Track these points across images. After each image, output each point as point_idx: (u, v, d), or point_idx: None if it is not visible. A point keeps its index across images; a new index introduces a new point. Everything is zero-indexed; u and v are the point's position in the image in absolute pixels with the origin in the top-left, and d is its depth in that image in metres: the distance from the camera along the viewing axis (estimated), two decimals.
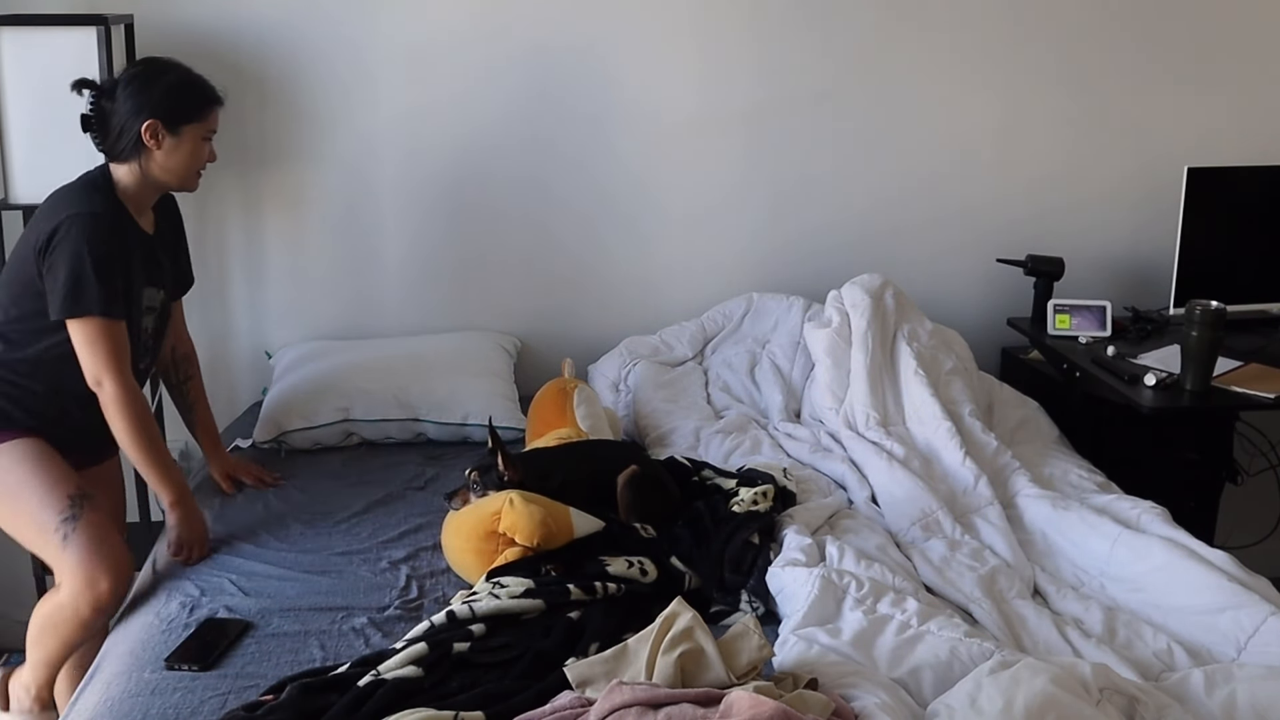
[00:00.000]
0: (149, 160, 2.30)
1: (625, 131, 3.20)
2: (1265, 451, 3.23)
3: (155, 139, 2.27)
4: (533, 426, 2.68)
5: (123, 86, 2.28)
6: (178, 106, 2.29)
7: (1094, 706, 1.59)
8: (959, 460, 2.53)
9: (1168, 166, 3.24)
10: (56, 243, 2.18)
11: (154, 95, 2.27)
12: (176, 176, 2.34)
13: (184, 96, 2.31)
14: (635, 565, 2.08)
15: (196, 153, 2.34)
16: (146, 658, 1.94)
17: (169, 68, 2.33)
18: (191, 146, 2.32)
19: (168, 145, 2.29)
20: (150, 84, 2.28)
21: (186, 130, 2.30)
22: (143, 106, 2.26)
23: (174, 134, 2.29)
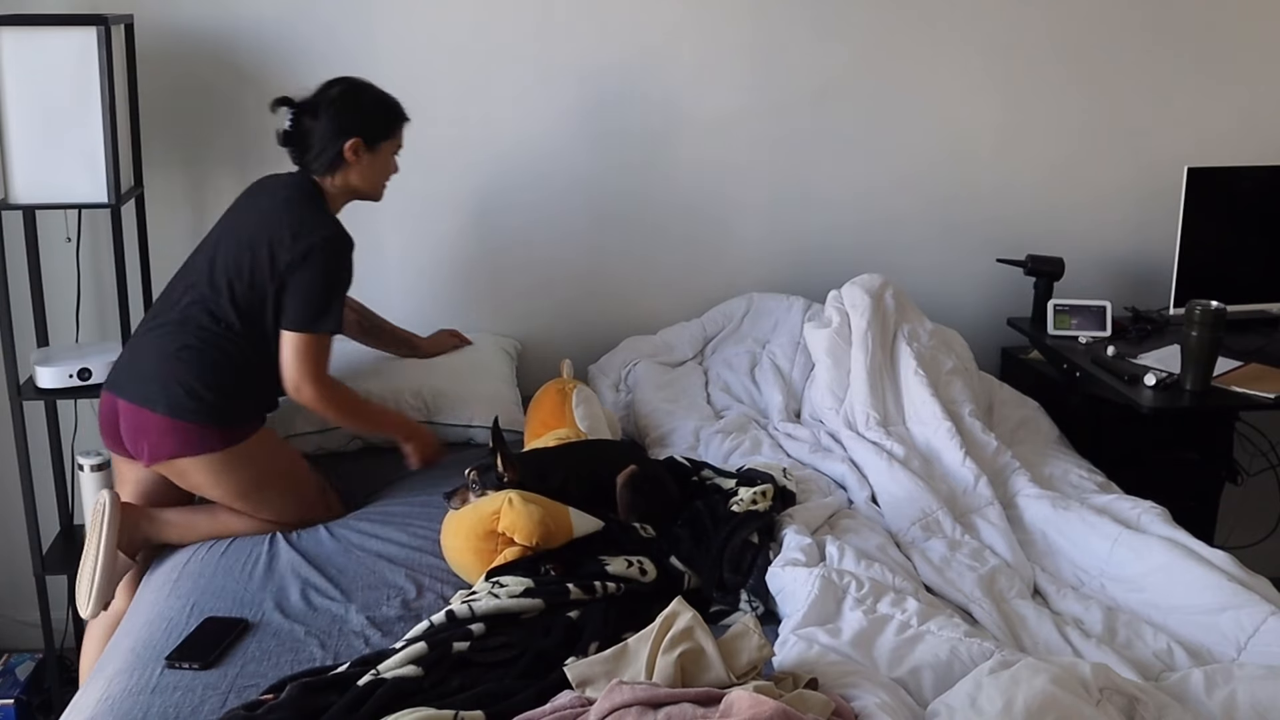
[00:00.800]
0: (346, 174, 2.48)
1: (625, 131, 3.19)
2: (1265, 451, 3.23)
3: (356, 155, 2.45)
4: (531, 427, 2.67)
5: (325, 107, 2.45)
6: (377, 125, 2.49)
7: (1094, 706, 1.59)
8: (959, 460, 2.53)
9: (1168, 166, 3.24)
10: (311, 261, 2.34)
11: (356, 115, 2.46)
12: (371, 188, 2.54)
13: (382, 116, 2.51)
14: (635, 565, 2.08)
15: (388, 167, 2.55)
16: (147, 656, 1.94)
17: (365, 88, 2.51)
18: (386, 161, 2.53)
19: (365, 160, 2.48)
20: (352, 104, 2.47)
21: (383, 146, 2.51)
22: (346, 125, 2.44)
23: (372, 150, 2.48)
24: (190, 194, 3.13)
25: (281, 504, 2.42)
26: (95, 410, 3.13)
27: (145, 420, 2.34)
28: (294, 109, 2.48)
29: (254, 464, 2.40)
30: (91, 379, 2.79)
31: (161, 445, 2.34)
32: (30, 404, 2.85)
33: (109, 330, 3.15)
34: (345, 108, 2.46)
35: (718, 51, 3.18)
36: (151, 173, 3.05)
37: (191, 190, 3.13)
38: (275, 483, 2.43)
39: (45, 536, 2.99)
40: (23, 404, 2.80)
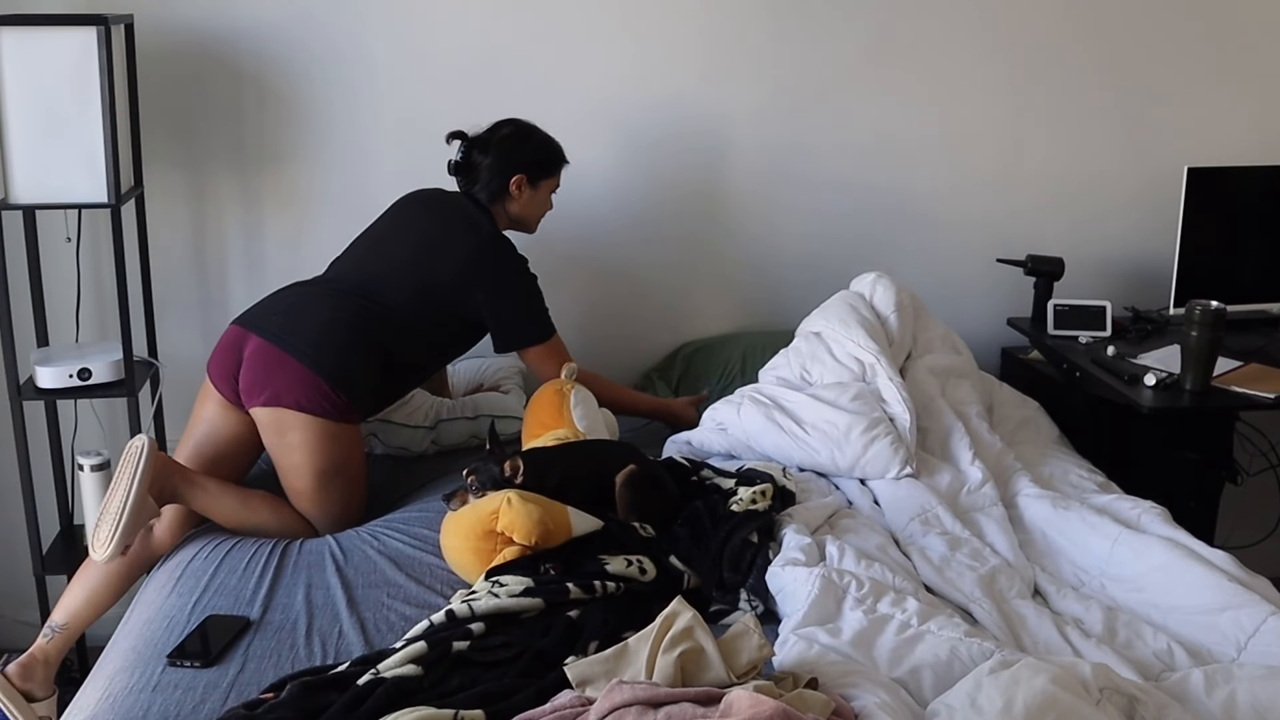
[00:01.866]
0: (508, 205, 2.70)
1: (624, 133, 3.20)
2: (1265, 451, 3.23)
3: (519, 190, 2.68)
4: (528, 428, 2.67)
5: (495, 144, 2.68)
6: (541, 165, 2.71)
7: (1094, 706, 1.59)
8: (968, 460, 2.54)
9: (1168, 166, 3.25)
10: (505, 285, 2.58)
11: (523, 154, 2.69)
12: (529, 222, 2.77)
13: (546, 157, 2.72)
14: (634, 564, 2.08)
15: (545, 204, 2.76)
16: (148, 654, 1.94)
17: (533, 130, 2.73)
18: (543, 199, 2.75)
19: (527, 195, 2.70)
20: (520, 144, 2.70)
21: (543, 184, 2.73)
22: (513, 162, 2.67)
23: (534, 187, 2.70)
24: (190, 194, 3.14)
25: (338, 498, 2.47)
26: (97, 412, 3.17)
27: (288, 366, 2.41)
28: (466, 142, 2.69)
29: (345, 448, 2.47)
30: (91, 379, 2.79)
31: (290, 391, 2.40)
32: (30, 404, 2.85)
33: (109, 330, 3.15)
34: (514, 146, 2.68)
35: (720, 54, 3.18)
36: (151, 173, 3.05)
37: (191, 190, 3.14)
38: (348, 475, 2.49)
39: (45, 536, 3.00)
40: (23, 404, 2.80)
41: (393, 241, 2.65)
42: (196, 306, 3.18)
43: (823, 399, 2.60)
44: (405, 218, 2.70)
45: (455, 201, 2.70)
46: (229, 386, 2.47)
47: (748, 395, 2.70)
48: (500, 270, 2.59)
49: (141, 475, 2.29)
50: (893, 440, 2.49)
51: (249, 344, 2.45)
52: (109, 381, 2.81)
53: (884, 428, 2.51)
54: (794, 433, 2.56)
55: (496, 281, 2.58)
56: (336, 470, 2.45)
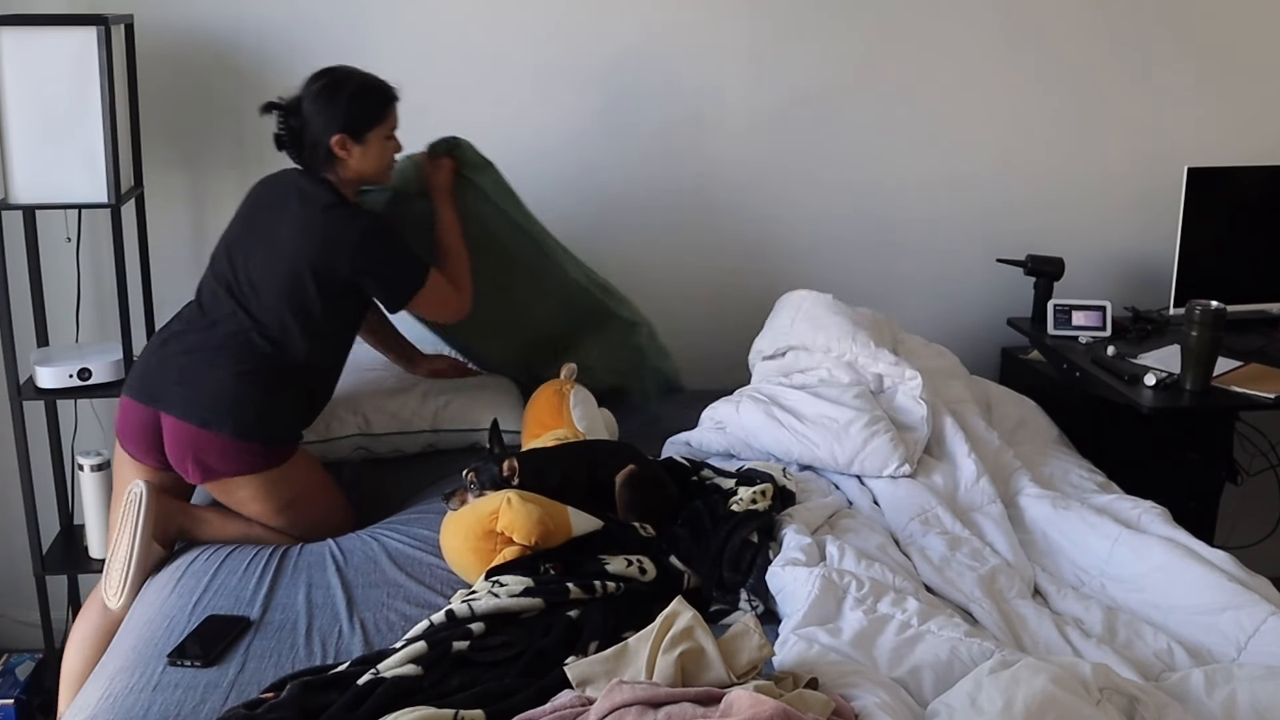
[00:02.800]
0: (344, 166, 2.46)
1: (625, 133, 3.20)
2: (1265, 451, 3.23)
3: (345, 149, 2.43)
4: (528, 428, 2.67)
5: (307, 104, 2.43)
6: (360, 116, 2.44)
7: (1094, 706, 1.59)
8: (964, 453, 2.54)
9: (1168, 166, 3.25)
10: (369, 254, 2.40)
11: (338, 110, 2.42)
12: (371, 176, 2.52)
13: (364, 105, 2.45)
14: (634, 564, 2.08)
15: (383, 153, 2.50)
16: (149, 654, 1.94)
17: (345, 78, 2.46)
18: (378, 148, 2.48)
19: (356, 153, 2.45)
20: (333, 99, 2.43)
21: (371, 136, 2.46)
22: (330, 123, 2.42)
23: (360, 142, 2.44)
24: (190, 194, 3.14)
25: (314, 519, 2.46)
26: (97, 412, 3.17)
27: (206, 441, 2.34)
28: (279, 111, 2.47)
29: (296, 480, 2.45)
30: (91, 379, 2.80)
31: (223, 465, 2.36)
32: (30, 404, 2.85)
33: (109, 330, 3.15)
34: (325, 105, 2.43)
35: (721, 54, 3.18)
36: (151, 173, 3.05)
37: (191, 190, 3.14)
38: (312, 498, 2.48)
39: (45, 536, 3.00)
40: (23, 404, 2.80)
41: (246, 250, 2.47)
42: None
43: (824, 396, 2.60)
44: (251, 219, 2.52)
45: (289, 181, 2.50)
46: (155, 458, 2.42)
47: (746, 394, 2.70)
48: (347, 236, 2.39)
49: (144, 524, 2.31)
50: (892, 437, 2.49)
51: (164, 423, 2.37)
52: (109, 381, 2.81)
53: (884, 424, 2.52)
54: (793, 427, 2.56)
55: (351, 248, 2.39)
56: (296, 498, 2.44)
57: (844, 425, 2.51)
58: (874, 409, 2.55)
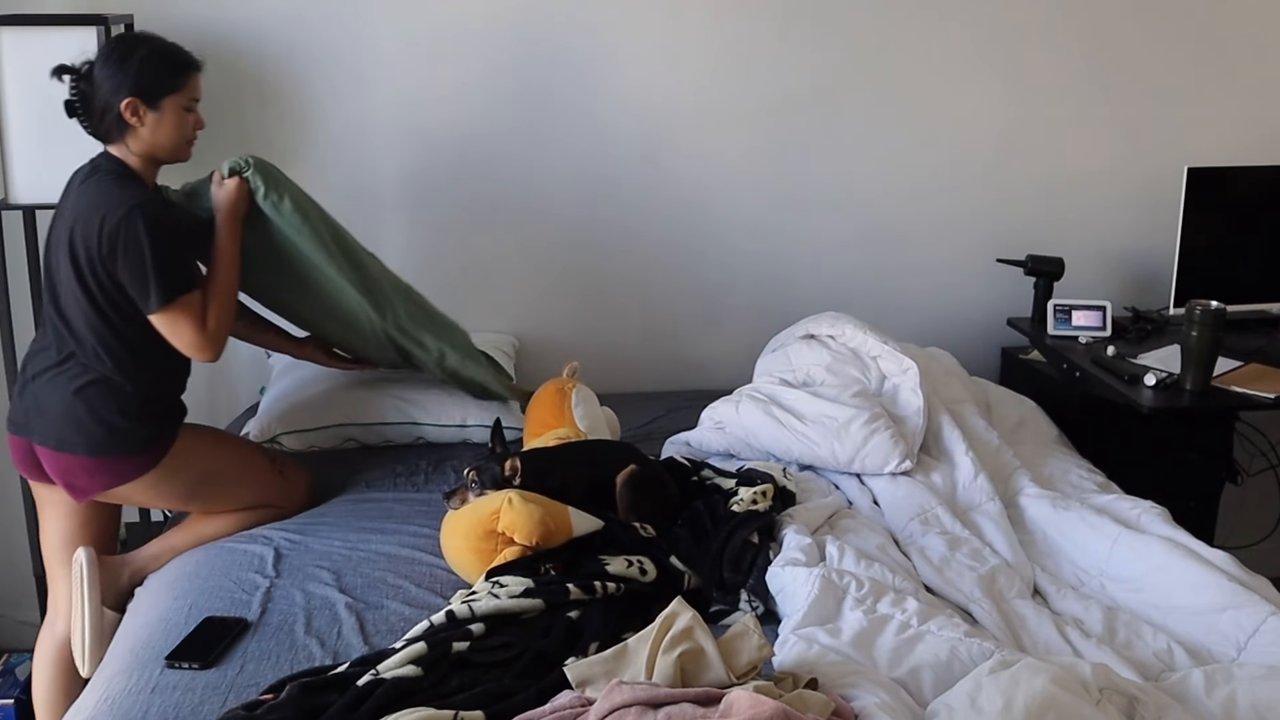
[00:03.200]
0: (136, 137, 2.27)
1: (626, 131, 3.19)
2: (1265, 451, 3.23)
3: (137, 116, 2.25)
4: (530, 427, 2.67)
5: (99, 67, 2.26)
6: (154, 80, 2.25)
7: (1094, 706, 1.59)
8: (961, 451, 2.54)
9: (1168, 166, 3.24)
10: (127, 241, 2.17)
11: (129, 72, 2.24)
12: (166, 150, 2.32)
13: (158, 69, 2.27)
14: (635, 564, 2.08)
15: (181, 124, 2.31)
16: (147, 656, 1.94)
17: (141, 41, 2.29)
18: (175, 118, 2.29)
19: (150, 121, 2.27)
20: (124, 61, 2.24)
21: (166, 103, 2.27)
22: (120, 85, 2.23)
23: (154, 108, 2.26)
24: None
25: (233, 493, 2.41)
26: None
27: (70, 463, 2.29)
28: (73, 75, 2.29)
29: (188, 467, 2.36)
30: None
31: (94, 483, 2.30)
32: None
33: None
34: (117, 67, 2.24)
35: (722, 52, 3.18)
36: None
37: None
38: (217, 476, 2.41)
39: None
40: None
41: (52, 251, 2.31)
42: None
43: (823, 395, 2.61)
44: (55, 216, 2.34)
45: (88, 163, 2.33)
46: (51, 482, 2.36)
47: (745, 393, 2.70)
48: (112, 209, 2.18)
49: (89, 592, 2.30)
50: (892, 434, 2.49)
51: (36, 451, 2.31)
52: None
53: (884, 422, 2.52)
54: (793, 427, 2.56)
55: (112, 223, 2.17)
56: (201, 484, 2.38)
57: (844, 423, 2.51)
58: (873, 407, 2.56)
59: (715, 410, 2.73)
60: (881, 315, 3.18)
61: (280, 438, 2.77)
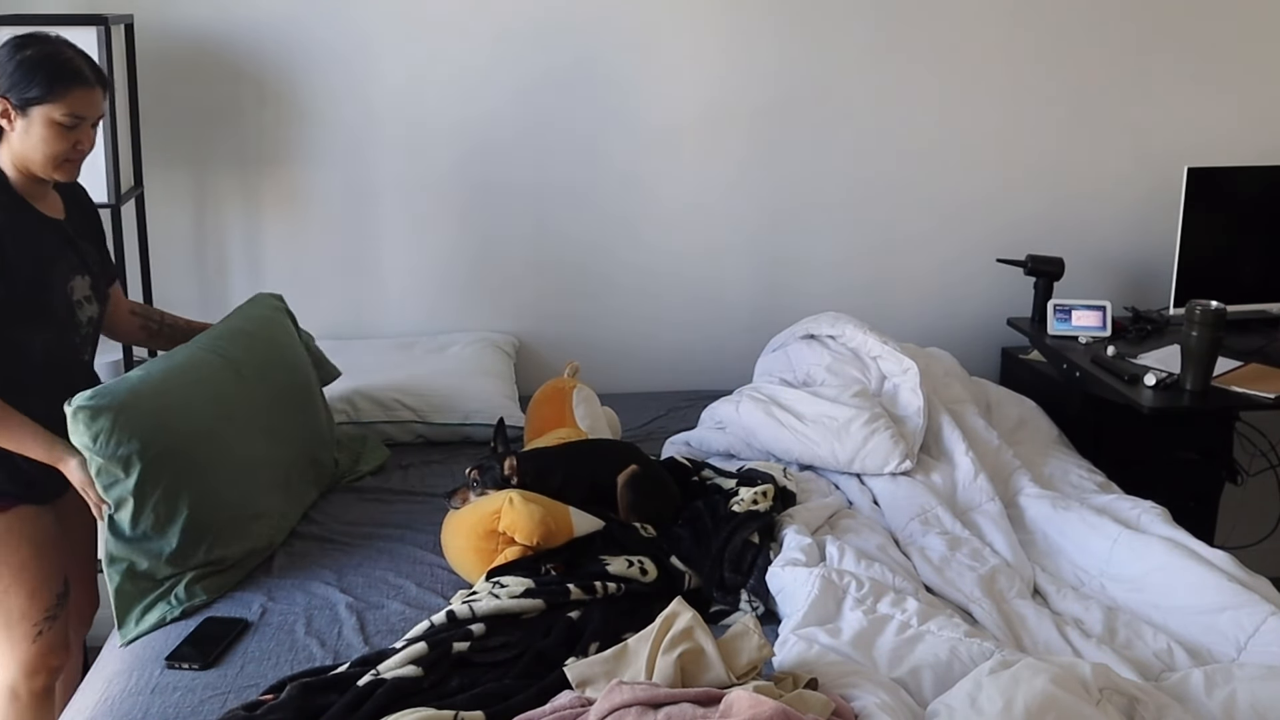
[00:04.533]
0: (5, 141, 2.11)
1: (626, 132, 3.20)
2: (1265, 451, 3.23)
3: (7, 118, 2.09)
4: (531, 426, 2.68)
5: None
6: (26, 83, 2.06)
7: (1094, 706, 1.59)
8: (961, 451, 2.54)
9: (1168, 166, 3.24)
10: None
11: (7, 70, 2.07)
12: (33, 162, 2.11)
13: (35, 73, 2.07)
14: (635, 565, 2.08)
15: (51, 138, 2.09)
16: (146, 656, 1.94)
17: (32, 43, 2.11)
18: (44, 130, 2.08)
19: (19, 126, 2.09)
20: (8, 59, 2.08)
21: (37, 111, 2.07)
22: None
23: (23, 114, 2.08)
24: (190, 194, 3.13)
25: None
26: None
27: None
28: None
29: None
30: None
31: None
32: None
33: None
34: (1, 63, 2.08)
35: (722, 54, 3.18)
36: (151, 173, 3.05)
37: (192, 190, 3.13)
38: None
39: None
40: None
41: None
42: (196, 306, 3.18)
43: (823, 396, 2.61)
44: None
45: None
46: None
47: (746, 393, 2.70)
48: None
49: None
50: (892, 434, 2.49)
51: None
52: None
53: (884, 422, 2.52)
54: (793, 427, 2.56)
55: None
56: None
57: (844, 423, 2.51)
58: (873, 407, 2.56)
59: (715, 410, 2.73)
60: (881, 315, 3.18)
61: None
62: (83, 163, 2.18)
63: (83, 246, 2.28)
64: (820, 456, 2.54)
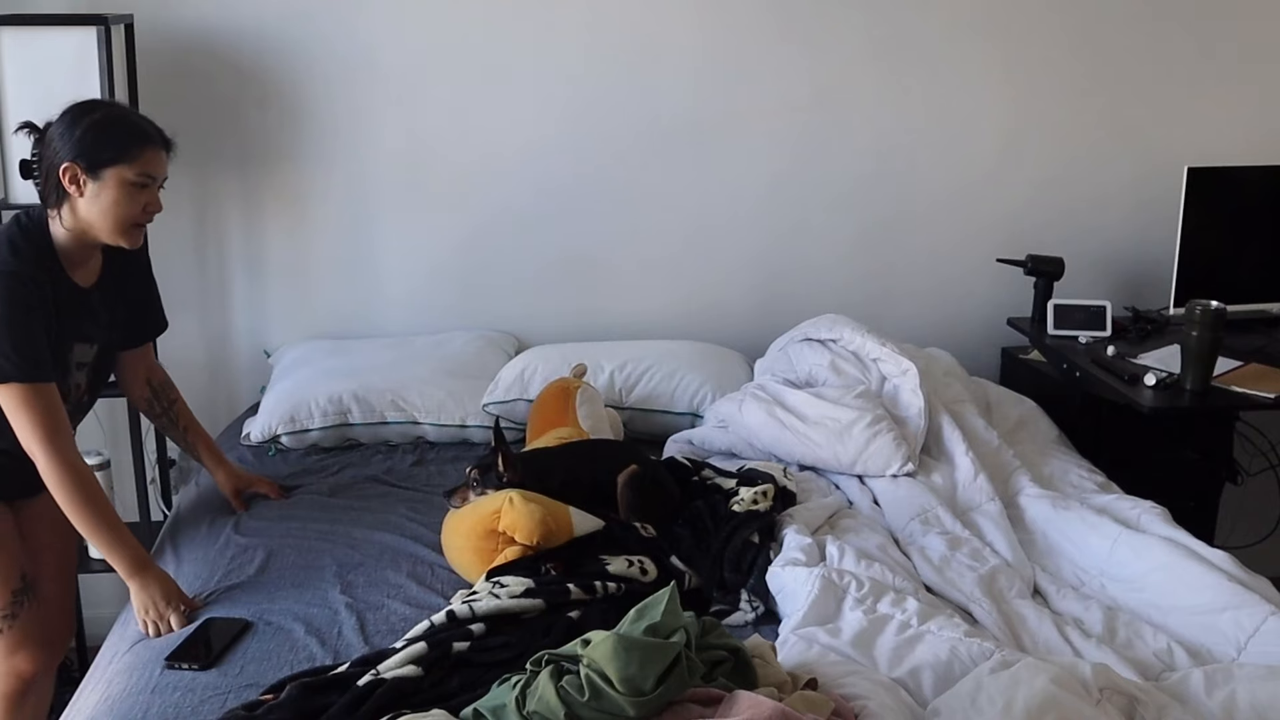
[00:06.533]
0: (72, 209, 2.07)
1: (627, 133, 3.19)
2: (1265, 451, 3.23)
3: (76, 184, 2.05)
4: (534, 425, 2.68)
5: (55, 126, 2.08)
6: (98, 146, 2.04)
7: (1094, 706, 1.59)
8: (961, 452, 2.54)
9: (1168, 166, 3.24)
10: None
11: (76, 134, 2.04)
12: (104, 228, 2.09)
13: (107, 135, 2.05)
14: (635, 565, 2.08)
15: (123, 200, 2.07)
16: (147, 656, 1.94)
17: (100, 106, 2.12)
18: (117, 193, 2.06)
19: (90, 191, 2.05)
20: (76, 123, 2.05)
21: (109, 173, 2.05)
22: (64, 147, 2.04)
23: (95, 178, 2.05)
24: (190, 195, 3.13)
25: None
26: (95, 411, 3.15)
27: None
28: (36, 134, 2.12)
29: None
30: None
31: None
32: None
33: None
34: (67, 127, 2.06)
35: (720, 54, 3.18)
36: None
37: (192, 191, 3.13)
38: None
39: None
40: None
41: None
42: (196, 306, 3.18)
43: (825, 397, 2.61)
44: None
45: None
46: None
47: (749, 392, 2.71)
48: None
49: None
50: (895, 437, 2.49)
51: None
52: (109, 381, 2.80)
53: (886, 424, 2.52)
54: (795, 428, 2.56)
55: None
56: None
57: (846, 426, 2.51)
58: (876, 409, 2.56)
59: (718, 408, 2.73)
60: (881, 315, 3.18)
61: (281, 437, 2.77)
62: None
63: (102, 316, 2.25)
64: (822, 458, 2.54)
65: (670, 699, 1.50)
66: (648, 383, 2.88)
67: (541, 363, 2.89)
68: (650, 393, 2.87)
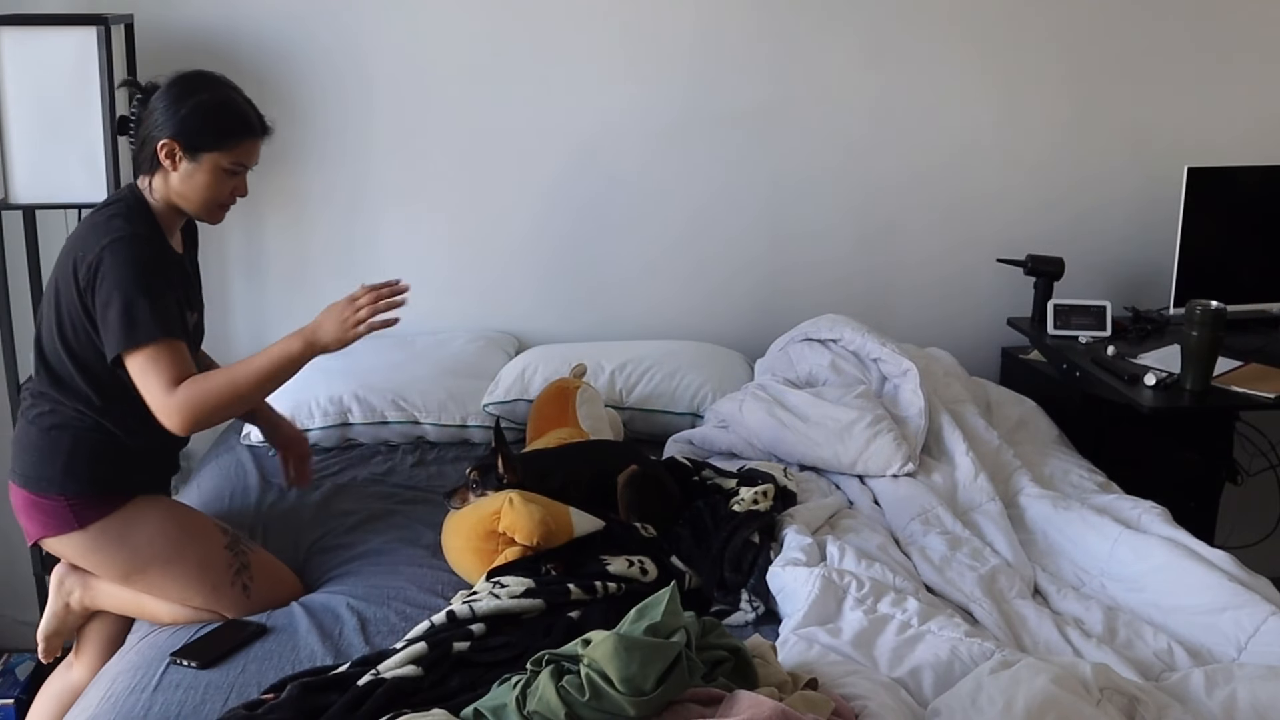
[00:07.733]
0: (165, 180, 2.13)
1: (627, 132, 3.19)
2: (1265, 451, 3.22)
3: (171, 159, 2.10)
4: (534, 425, 2.68)
5: (159, 95, 2.12)
6: (201, 130, 2.10)
7: (1094, 706, 1.59)
8: (961, 452, 2.54)
9: (1168, 166, 3.24)
10: (103, 272, 2.01)
11: (180, 112, 2.09)
12: (191, 205, 2.15)
13: (211, 120, 2.11)
14: (635, 564, 2.08)
15: (215, 184, 2.13)
16: (151, 655, 1.94)
17: (207, 85, 2.14)
18: (209, 177, 2.12)
19: (184, 169, 2.11)
20: (181, 99, 2.10)
21: (206, 158, 2.11)
22: (166, 122, 2.09)
23: (192, 159, 2.11)
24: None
25: (178, 591, 2.13)
26: None
27: (13, 494, 2.16)
28: (139, 93, 2.16)
29: (125, 544, 2.13)
30: None
31: (30, 523, 2.16)
32: None
33: None
34: (172, 102, 2.10)
35: (717, 54, 3.18)
36: None
37: None
38: (163, 568, 2.13)
39: None
40: None
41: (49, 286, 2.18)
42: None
43: (826, 397, 2.61)
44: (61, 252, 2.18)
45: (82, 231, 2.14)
46: None
47: (750, 392, 2.71)
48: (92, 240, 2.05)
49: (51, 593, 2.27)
50: (895, 436, 2.49)
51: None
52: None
53: (887, 424, 2.52)
54: (795, 428, 2.56)
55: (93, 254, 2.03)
56: (138, 566, 2.13)
57: (846, 426, 2.51)
58: (876, 409, 2.56)
59: (718, 408, 2.74)
60: (881, 315, 3.18)
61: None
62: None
63: (196, 283, 2.32)
64: (823, 458, 2.54)
65: (670, 699, 1.50)
66: (648, 383, 2.88)
67: (542, 363, 2.89)
68: (650, 393, 2.87)
